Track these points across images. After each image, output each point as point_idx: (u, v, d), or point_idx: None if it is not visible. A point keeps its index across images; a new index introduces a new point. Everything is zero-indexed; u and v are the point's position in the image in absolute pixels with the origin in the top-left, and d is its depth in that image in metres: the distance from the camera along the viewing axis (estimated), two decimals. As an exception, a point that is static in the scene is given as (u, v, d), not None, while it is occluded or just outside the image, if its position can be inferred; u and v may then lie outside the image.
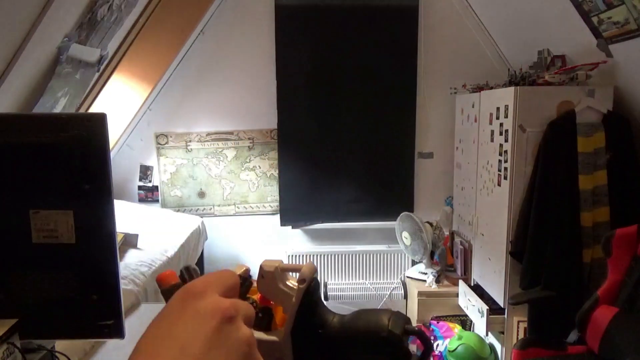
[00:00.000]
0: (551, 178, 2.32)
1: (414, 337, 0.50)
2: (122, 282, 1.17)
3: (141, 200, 3.52)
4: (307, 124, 3.43)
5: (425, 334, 0.47)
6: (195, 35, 3.29)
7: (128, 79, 2.83)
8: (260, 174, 3.53)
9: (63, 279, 0.93)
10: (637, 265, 1.97)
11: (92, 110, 2.59)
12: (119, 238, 1.63)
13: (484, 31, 3.38)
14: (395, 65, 3.40)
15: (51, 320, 0.95)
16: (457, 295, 3.06)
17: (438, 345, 2.91)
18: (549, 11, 2.52)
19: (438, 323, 3.04)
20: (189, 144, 3.47)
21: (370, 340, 0.48)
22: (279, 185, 3.49)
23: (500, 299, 2.61)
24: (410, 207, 3.50)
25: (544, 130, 2.36)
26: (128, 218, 2.85)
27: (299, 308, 0.48)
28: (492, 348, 2.81)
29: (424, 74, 3.43)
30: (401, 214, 3.29)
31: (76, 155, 0.89)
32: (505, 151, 2.48)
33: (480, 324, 2.72)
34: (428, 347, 0.47)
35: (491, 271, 2.71)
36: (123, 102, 3.03)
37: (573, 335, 2.13)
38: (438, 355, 2.89)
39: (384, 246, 3.56)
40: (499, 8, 3.11)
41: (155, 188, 3.51)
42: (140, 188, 3.52)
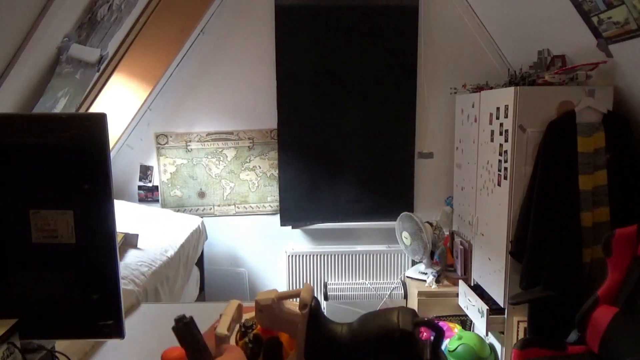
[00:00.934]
0: (551, 178, 2.32)
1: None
2: (122, 282, 1.17)
3: (141, 200, 3.52)
4: (307, 124, 3.43)
5: (434, 323, 0.47)
6: (195, 35, 3.29)
7: (128, 79, 2.83)
8: (260, 174, 3.53)
9: (63, 279, 0.93)
10: (637, 265, 1.97)
11: (92, 110, 2.59)
12: (119, 238, 1.63)
13: (484, 31, 3.38)
14: (395, 65, 3.40)
15: (51, 320, 0.95)
16: (457, 295, 3.06)
17: (438, 345, 2.91)
18: (549, 11, 2.52)
19: (438, 323, 3.03)
20: (189, 144, 3.47)
21: (384, 343, 0.47)
22: (279, 185, 3.50)
23: (500, 299, 2.61)
24: (410, 207, 3.50)
25: (544, 130, 2.36)
26: (128, 218, 2.85)
27: (307, 330, 0.47)
28: (492, 348, 2.81)
29: (424, 74, 3.43)
30: (401, 214, 3.29)
31: (76, 155, 0.89)
32: (505, 151, 2.48)
33: (480, 324, 2.72)
34: (439, 334, 0.47)
35: (491, 271, 2.71)
36: (123, 102, 3.03)
37: (573, 335, 2.13)
38: (438, 355, 2.89)
39: (384, 246, 3.57)
40: (499, 8, 3.11)
41: (155, 188, 3.52)
42: (140, 188, 3.52)
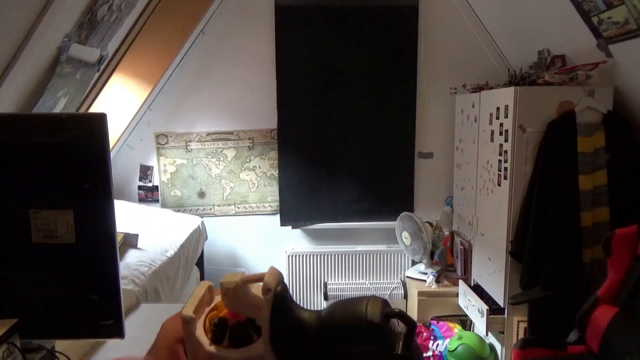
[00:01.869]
0: (551, 178, 2.32)
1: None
2: (122, 282, 1.17)
3: (141, 200, 3.52)
4: (307, 124, 3.43)
5: (405, 314, 0.46)
6: (195, 35, 3.29)
7: (128, 79, 2.83)
8: (260, 174, 3.53)
9: (63, 279, 0.93)
10: (637, 265, 1.97)
11: (92, 110, 2.59)
12: (119, 238, 1.63)
13: (484, 31, 3.38)
14: (395, 65, 3.40)
15: (51, 320, 0.95)
16: (457, 295, 3.06)
17: (438, 345, 2.91)
18: (549, 11, 2.52)
19: (438, 323, 3.04)
20: (189, 144, 3.47)
21: (352, 334, 0.46)
22: (279, 185, 3.50)
23: (500, 299, 2.61)
24: (410, 207, 3.50)
25: (544, 130, 2.36)
26: (128, 218, 2.85)
27: (272, 316, 0.46)
28: (492, 348, 2.81)
29: (424, 74, 3.44)
30: (401, 214, 3.29)
31: (76, 155, 0.89)
32: (505, 151, 2.48)
33: (480, 324, 2.72)
34: (411, 326, 0.46)
35: (491, 271, 2.71)
36: (123, 102, 3.03)
37: (573, 335, 2.13)
38: (438, 355, 2.89)
39: (384, 246, 3.56)
40: (499, 8, 3.11)
41: (155, 188, 3.52)
42: (140, 188, 3.52)
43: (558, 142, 2.32)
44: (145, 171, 3.51)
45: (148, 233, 2.61)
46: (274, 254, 3.58)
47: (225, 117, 3.46)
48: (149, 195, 3.52)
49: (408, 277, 3.37)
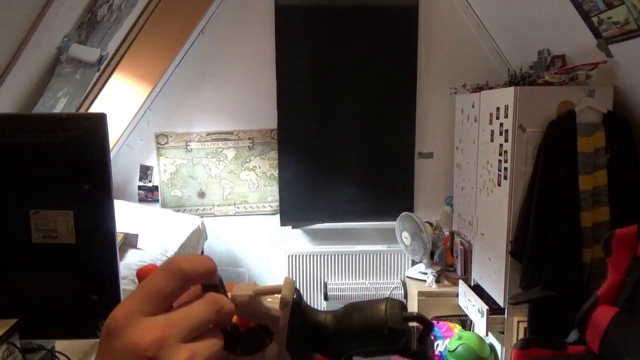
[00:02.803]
0: (551, 178, 2.32)
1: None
2: (122, 282, 1.17)
3: (141, 200, 3.52)
4: (307, 124, 3.43)
5: (423, 317, 0.46)
6: (195, 35, 3.29)
7: (128, 79, 2.83)
8: (260, 174, 3.53)
9: (63, 279, 0.93)
10: (637, 265, 1.97)
11: (92, 110, 2.58)
12: (119, 238, 1.63)
13: (484, 31, 3.38)
14: (395, 65, 3.40)
15: (51, 320, 0.95)
16: (457, 295, 3.06)
17: (438, 345, 2.91)
18: (549, 11, 2.52)
19: (438, 323, 3.03)
20: (189, 144, 3.47)
21: (373, 338, 0.47)
22: (279, 185, 3.49)
23: (500, 299, 2.61)
24: (410, 207, 3.50)
25: (544, 130, 2.36)
26: (128, 218, 2.85)
27: (289, 326, 0.46)
28: (492, 348, 2.81)
29: (424, 74, 3.43)
30: (401, 214, 3.29)
31: (76, 155, 0.89)
32: (505, 151, 2.48)
33: (480, 324, 2.72)
34: (428, 327, 0.46)
35: (491, 271, 2.71)
36: (123, 102, 3.03)
37: (573, 335, 2.13)
38: (438, 355, 2.89)
39: (384, 246, 3.56)
40: (499, 8, 3.11)
41: (155, 188, 3.51)
42: (140, 188, 3.52)
43: (558, 142, 2.32)
44: (145, 171, 3.51)
45: (148, 233, 2.61)
46: (274, 254, 3.58)
47: (225, 117, 3.46)
48: (149, 195, 3.52)
49: (408, 277, 3.37)
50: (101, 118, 0.89)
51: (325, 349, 0.48)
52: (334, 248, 3.55)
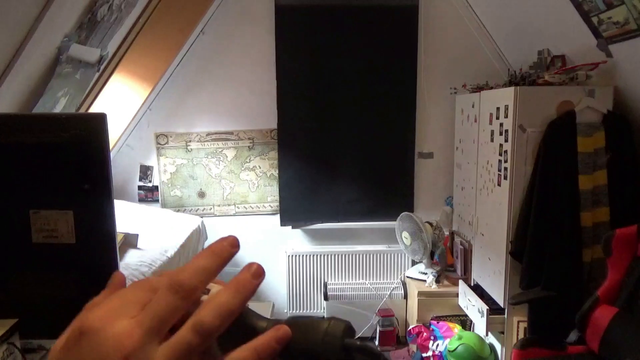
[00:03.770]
0: (551, 178, 2.32)
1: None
2: (122, 282, 1.17)
3: (141, 200, 3.52)
4: (307, 124, 3.43)
5: (370, 348, 0.39)
6: (195, 35, 3.29)
7: (128, 79, 2.83)
8: (260, 174, 3.53)
9: (63, 279, 0.93)
10: (637, 265, 1.97)
11: (92, 110, 2.58)
12: (119, 238, 1.63)
13: (484, 31, 3.38)
14: (395, 65, 3.40)
15: (51, 320, 0.95)
16: (457, 295, 3.06)
17: (438, 345, 2.91)
18: (549, 11, 2.52)
19: (438, 323, 3.03)
20: (189, 144, 3.47)
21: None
22: (279, 185, 3.49)
23: (500, 299, 2.61)
24: (410, 207, 3.50)
25: (544, 130, 2.36)
26: (128, 218, 2.85)
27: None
28: (492, 348, 2.81)
29: (424, 74, 3.43)
30: (401, 214, 3.29)
31: (76, 155, 0.89)
32: (505, 151, 2.48)
33: (480, 324, 2.72)
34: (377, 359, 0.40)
35: (491, 271, 2.71)
36: (123, 102, 3.03)
37: (573, 335, 2.13)
38: (438, 355, 2.89)
39: (384, 246, 3.56)
40: (499, 8, 3.11)
41: (155, 188, 3.51)
42: (140, 188, 3.52)
43: (558, 142, 2.32)
44: (145, 171, 3.51)
45: (148, 233, 2.61)
46: (274, 254, 3.58)
47: (225, 117, 3.46)
48: (149, 195, 3.52)
49: (408, 277, 3.37)
50: (101, 118, 0.89)
51: None
52: (334, 248, 3.55)
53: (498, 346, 2.79)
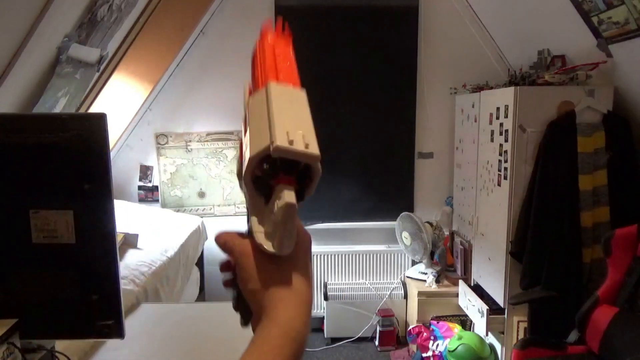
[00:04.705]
0: (551, 178, 2.32)
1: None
2: (122, 282, 1.17)
3: (141, 200, 3.52)
4: (307, 124, 3.42)
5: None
6: (195, 35, 3.29)
7: (128, 79, 2.83)
8: (260, 174, 3.52)
9: (63, 279, 0.93)
10: (637, 265, 1.97)
11: (92, 110, 2.59)
12: (119, 238, 1.63)
13: (484, 31, 3.38)
14: (395, 65, 3.40)
15: (51, 320, 0.95)
16: (457, 295, 3.06)
17: (438, 345, 2.91)
18: (549, 11, 2.52)
19: (438, 323, 3.03)
20: (189, 144, 3.47)
21: None
22: (279, 185, 3.48)
23: (500, 299, 2.61)
24: (410, 207, 3.50)
25: (544, 130, 2.36)
26: (128, 218, 2.85)
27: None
28: (492, 348, 2.81)
29: (424, 74, 3.43)
30: (401, 214, 3.29)
31: (76, 155, 0.89)
32: (505, 151, 2.48)
33: (480, 324, 2.72)
34: None
35: (491, 271, 2.71)
36: (123, 102, 3.03)
37: (573, 335, 2.13)
38: (438, 355, 2.89)
39: (384, 246, 3.56)
40: (499, 8, 3.11)
41: (155, 188, 3.51)
42: (140, 188, 3.52)
43: (558, 142, 2.32)
44: (145, 171, 3.51)
45: (148, 233, 2.61)
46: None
47: (225, 117, 3.46)
48: (149, 195, 3.52)
49: (408, 277, 3.37)
50: (101, 118, 0.89)
51: None
52: (334, 248, 3.55)
53: (498, 346, 2.79)
